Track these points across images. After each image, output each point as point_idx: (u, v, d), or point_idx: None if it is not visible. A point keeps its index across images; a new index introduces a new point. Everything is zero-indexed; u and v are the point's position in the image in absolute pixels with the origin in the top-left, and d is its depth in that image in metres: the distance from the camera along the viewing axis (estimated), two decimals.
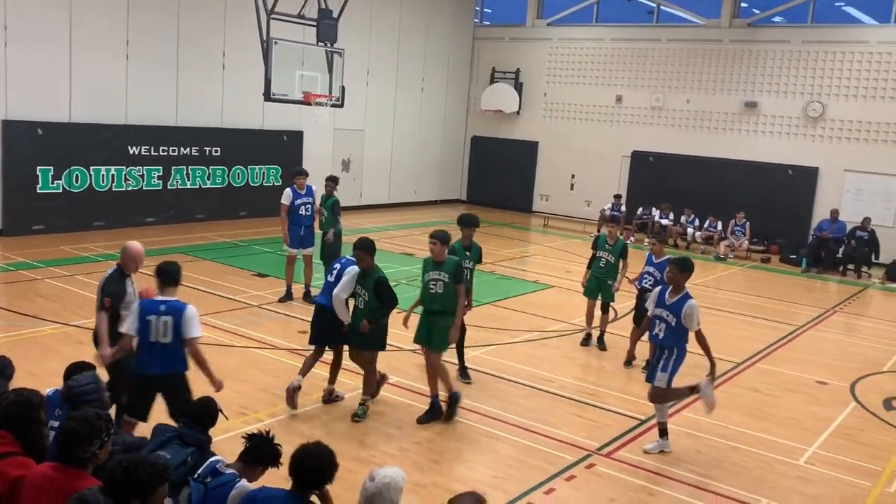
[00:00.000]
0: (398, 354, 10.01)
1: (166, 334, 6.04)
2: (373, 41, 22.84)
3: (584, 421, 8.30)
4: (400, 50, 23.98)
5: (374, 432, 7.61)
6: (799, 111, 21.00)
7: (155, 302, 6.16)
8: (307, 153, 21.19)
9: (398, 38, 23.82)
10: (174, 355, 6.09)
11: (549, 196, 25.47)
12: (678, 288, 7.51)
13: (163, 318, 6.04)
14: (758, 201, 20.82)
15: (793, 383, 10.13)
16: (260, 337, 10.33)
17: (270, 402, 8.14)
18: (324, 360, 8.38)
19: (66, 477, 3.76)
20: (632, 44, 23.58)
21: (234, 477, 4.36)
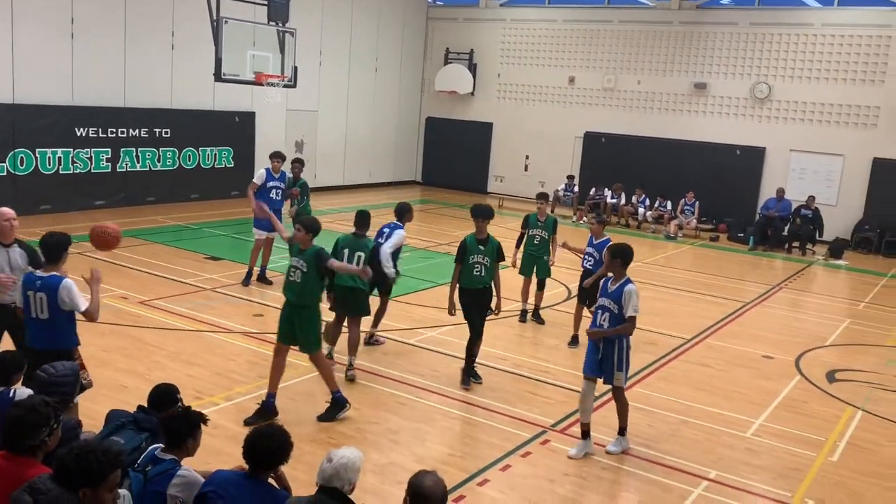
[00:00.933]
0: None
1: (43, 310, 5.89)
2: (325, 20, 22.54)
3: (539, 398, 8.40)
4: (353, 29, 23.71)
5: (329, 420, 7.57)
6: (746, 92, 21.37)
7: (32, 276, 5.99)
8: (259, 134, 20.90)
9: (351, 17, 23.55)
10: (53, 331, 5.91)
11: (504, 177, 25.54)
12: (617, 275, 7.07)
13: (38, 294, 5.89)
14: (707, 181, 21.18)
15: (740, 358, 10.38)
16: (213, 320, 10.20)
17: (225, 386, 8.06)
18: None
19: (15, 465, 3.72)
20: (584, 25, 23.68)
21: (173, 464, 4.21)
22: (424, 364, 9.21)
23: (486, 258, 8.48)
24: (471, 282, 8.51)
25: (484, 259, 8.48)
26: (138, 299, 10.88)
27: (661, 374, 9.54)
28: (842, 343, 11.57)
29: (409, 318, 10.99)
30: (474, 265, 8.47)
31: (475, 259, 8.48)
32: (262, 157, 20.91)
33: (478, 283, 8.51)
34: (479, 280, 8.50)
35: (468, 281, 8.52)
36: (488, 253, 8.50)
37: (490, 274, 8.54)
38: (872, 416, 8.58)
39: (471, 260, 8.47)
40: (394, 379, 8.57)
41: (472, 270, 8.47)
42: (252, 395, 7.83)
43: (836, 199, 20.33)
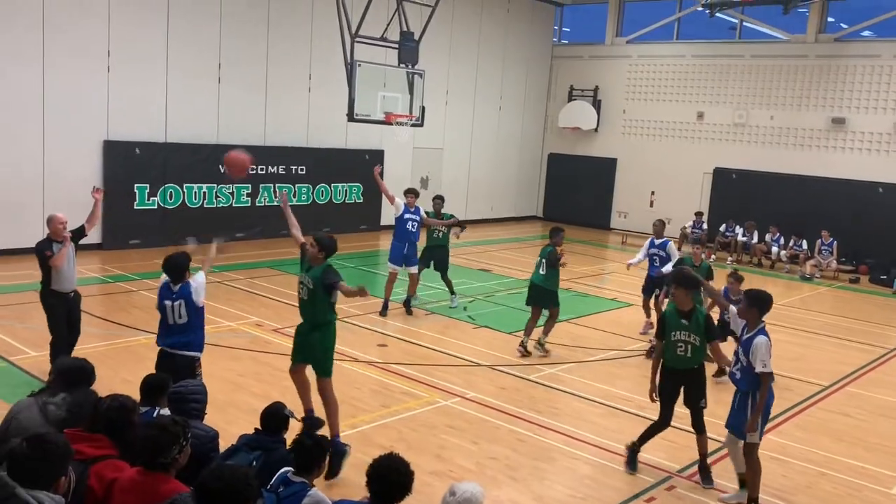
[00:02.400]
0: (476, 370, 9.98)
1: (181, 316, 6.84)
2: (452, 62, 23.02)
3: (664, 442, 8.05)
4: (478, 70, 24.09)
5: (450, 446, 7.57)
6: (890, 127, 20.07)
7: (168, 289, 7.02)
8: (387, 171, 21.43)
9: (477, 58, 23.95)
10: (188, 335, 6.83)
11: (628, 213, 25.04)
12: (753, 324, 6.57)
13: (176, 302, 6.85)
14: (846, 219, 19.95)
15: (884, 408, 9.61)
16: (340, 349, 10.37)
17: (350, 414, 8.20)
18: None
19: (151, 481, 3.97)
20: (713, 60, 23.05)
21: (304, 486, 4.41)
22: (544, 401, 9.05)
23: (691, 335, 6.97)
24: (675, 362, 7.10)
25: (690, 337, 6.97)
26: (272, 327, 11.32)
27: (797, 421, 8.96)
28: None
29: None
30: (677, 343, 7.04)
31: (678, 336, 7.02)
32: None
33: (681, 364, 7.07)
34: (684, 360, 7.05)
35: (671, 360, 7.12)
36: (693, 329, 6.97)
37: (698, 354, 7.04)
38: None
39: (672, 337, 7.05)
40: (513, 414, 8.47)
41: (675, 349, 7.04)
42: (375, 424, 7.94)
43: None
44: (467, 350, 10.81)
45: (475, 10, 23.55)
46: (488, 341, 11.39)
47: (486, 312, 13.19)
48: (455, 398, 8.81)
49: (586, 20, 27.34)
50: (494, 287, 15.36)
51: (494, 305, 13.86)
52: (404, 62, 15.15)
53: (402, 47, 15.05)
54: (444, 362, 10.22)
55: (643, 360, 11.06)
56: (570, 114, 25.62)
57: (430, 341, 11.13)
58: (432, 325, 12.11)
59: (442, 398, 8.75)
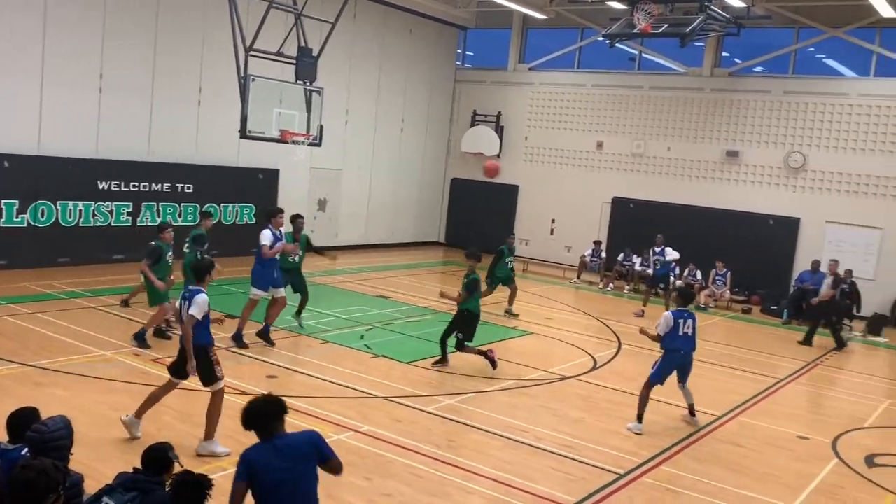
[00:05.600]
0: (371, 402, 9.91)
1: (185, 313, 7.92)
2: (353, 81, 23.05)
3: (560, 474, 8.22)
4: (380, 90, 24.20)
5: (341, 483, 7.45)
6: (780, 161, 21.38)
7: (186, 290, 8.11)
8: (283, 192, 21.19)
9: (378, 78, 24.07)
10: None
11: (529, 240, 25.57)
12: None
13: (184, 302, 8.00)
14: (739, 251, 21.03)
15: (774, 438, 10.12)
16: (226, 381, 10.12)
17: (235, 450, 7.94)
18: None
19: None
20: (613, 90, 23.98)
21: None
22: (441, 433, 9.07)
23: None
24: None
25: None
26: (151, 356, 10.90)
27: (690, 452, 9.31)
28: (881, 425, 11.26)
29: (427, 385, 10.89)
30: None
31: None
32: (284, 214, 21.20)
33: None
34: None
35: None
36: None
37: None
38: None
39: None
40: (409, 448, 8.44)
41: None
42: None
43: (874, 273, 20.06)
44: (363, 381, 10.73)
45: (377, 28, 23.70)
46: (385, 372, 11.35)
47: (383, 341, 13.15)
48: (348, 432, 8.71)
49: (490, 45, 27.96)
50: (393, 315, 15.34)
51: (393, 334, 13.84)
52: (302, 79, 15.04)
53: (300, 63, 14.94)
54: (337, 394, 10.11)
55: (542, 389, 11.26)
56: (473, 139, 26.05)
57: (324, 372, 10.99)
58: (326, 355, 11.96)
59: (334, 432, 8.64)
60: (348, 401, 9.85)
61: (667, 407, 10.93)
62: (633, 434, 9.62)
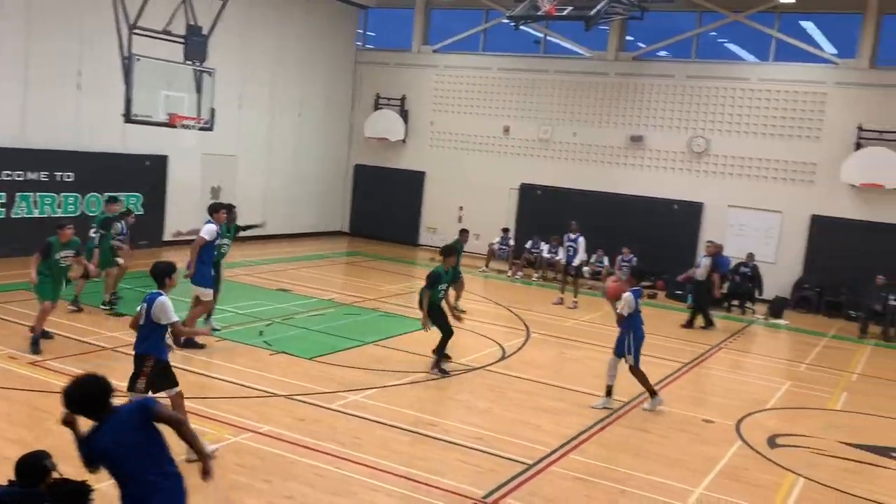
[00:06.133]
0: (271, 401, 9.74)
1: (142, 318, 7.53)
2: (246, 61, 22.52)
3: (469, 467, 8.29)
4: (276, 72, 23.75)
5: (240, 487, 7.31)
6: (684, 146, 22.13)
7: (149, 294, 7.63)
8: (172, 179, 20.57)
9: (274, 59, 23.60)
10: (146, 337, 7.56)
11: (437, 228, 25.65)
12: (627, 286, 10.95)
13: (143, 305, 7.56)
14: (645, 236, 21.67)
15: (680, 422, 10.49)
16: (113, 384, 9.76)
17: None
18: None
19: None
20: (519, 74, 24.26)
21: None
22: (346, 430, 9.00)
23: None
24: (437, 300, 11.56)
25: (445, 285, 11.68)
26: (29, 359, 10.40)
27: (598, 439, 9.55)
28: (783, 406, 11.83)
29: (331, 381, 10.78)
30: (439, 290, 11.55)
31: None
32: (175, 203, 20.61)
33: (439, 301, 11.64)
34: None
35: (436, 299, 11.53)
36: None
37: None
38: (814, 483, 8.74)
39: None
40: (311, 447, 8.33)
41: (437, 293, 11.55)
42: None
43: (774, 256, 21.05)
44: (262, 379, 10.53)
45: (272, 7, 23.21)
46: (285, 369, 11.17)
47: (283, 337, 12.95)
48: (246, 433, 8.54)
49: (392, 25, 27.83)
50: (294, 309, 15.12)
51: (294, 329, 13.64)
52: (191, 59, 14.62)
53: (189, 42, 14.52)
54: (234, 394, 9.89)
55: (450, 380, 11.33)
56: (377, 123, 25.90)
57: (219, 371, 10.73)
58: (222, 353, 11.68)
59: (231, 434, 8.45)
60: (246, 401, 9.65)
61: (574, 395, 11.18)
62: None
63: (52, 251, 11.05)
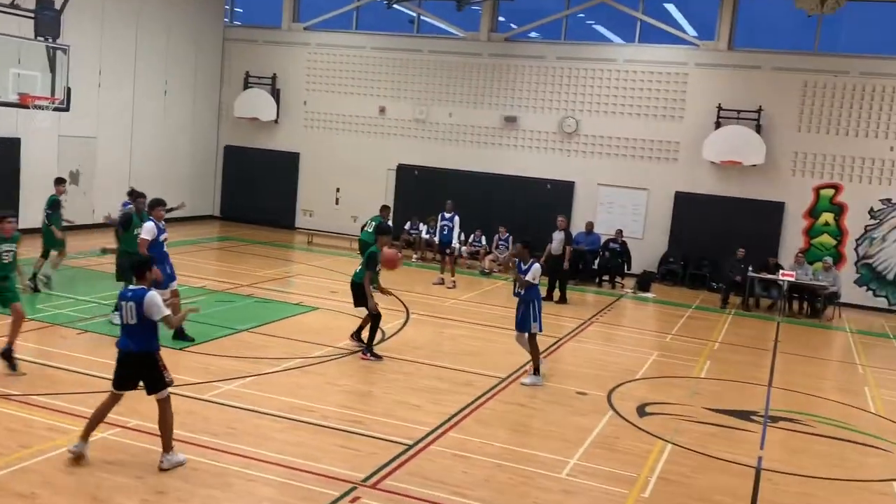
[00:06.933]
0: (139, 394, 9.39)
1: (132, 317, 7.37)
2: (105, 37, 21.47)
3: (348, 451, 8.30)
4: (138, 48, 22.75)
5: (109, 485, 7.06)
6: (555, 126, 22.71)
7: (125, 290, 7.59)
8: (26, 163, 19.45)
9: (136, 34, 22.60)
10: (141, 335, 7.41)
11: (313, 211, 25.36)
12: (525, 259, 11.45)
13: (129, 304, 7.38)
14: (521, 215, 22.15)
15: (555, 395, 10.84)
16: None
17: None
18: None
19: None
20: (394, 53, 24.21)
21: None
22: (220, 421, 8.82)
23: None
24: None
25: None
26: None
27: (476, 416, 9.75)
28: (651, 376, 12.42)
29: (204, 371, 10.52)
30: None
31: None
32: (30, 189, 19.51)
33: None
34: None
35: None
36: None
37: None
38: (681, 448, 9.24)
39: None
40: (184, 440, 8.11)
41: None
42: (14, 468, 7.13)
43: (642, 232, 21.99)
44: None
45: None
46: None
47: None
48: (114, 429, 8.22)
49: (261, 1, 27.15)
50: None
51: None
52: (42, 35, 13.85)
53: (40, 17, 13.76)
54: (99, 388, 9.48)
55: (328, 365, 11.29)
56: (247, 103, 25.28)
57: (81, 364, 10.27)
58: (83, 346, 11.19)
59: (98, 430, 8.09)
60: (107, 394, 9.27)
61: (453, 373, 11.37)
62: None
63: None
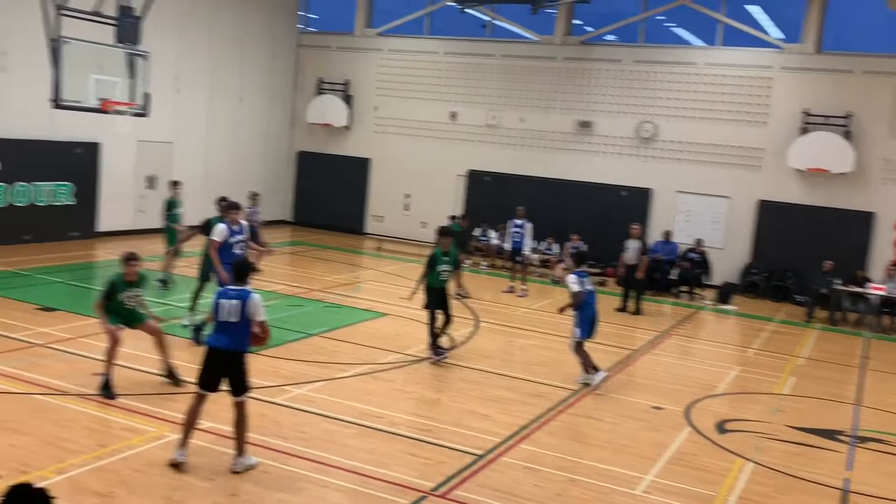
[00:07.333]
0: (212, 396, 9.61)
1: (234, 315, 7.61)
2: (183, 44, 22.12)
3: (418, 459, 8.34)
4: (214, 55, 23.37)
5: (182, 486, 7.25)
6: (632, 131, 22.43)
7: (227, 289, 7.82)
8: (106, 168, 20.15)
9: (211, 41, 23.22)
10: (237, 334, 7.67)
11: (383, 217, 25.61)
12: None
13: (232, 302, 7.63)
14: (594, 223, 21.94)
15: (630, 409, 10.69)
16: (45, 381, 9.61)
17: (57, 458, 7.56)
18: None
19: None
20: (466, 58, 24.29)
21: None
22: (291, 425, 8.97)
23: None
24: (436, 283, 12.08)
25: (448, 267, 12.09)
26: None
27: (548, 428, 9.68)
28: (731, 392, 12.14)
29: (275, 374, 10.72)
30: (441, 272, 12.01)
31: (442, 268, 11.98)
32: (108, 193, 20.21)
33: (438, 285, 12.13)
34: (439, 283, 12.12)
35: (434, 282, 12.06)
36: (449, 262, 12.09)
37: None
38: (762, 467, 9.00)
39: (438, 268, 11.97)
40: (255, 443, 8.28)
41: (438, 275, 12.04)
42: (89, 467, 7.38)
43: (723, 241, 21.52)
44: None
45: None
46: None
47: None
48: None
49: (335, 7, 27.62)
50: None
51: None
52: (123, 41, 14.33)
53: (121, 24, 14.24)
54: (172, 390, 9.77)
55: (397, 372, 11.37)
56: (320, 109, 25.71)
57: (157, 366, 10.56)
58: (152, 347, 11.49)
59: (172, 431, 8.35)
60: (186, 396, 9.50)
61: (524, 383, 11.32)
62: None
63: (115, 292, 9.41)
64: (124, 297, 9.44)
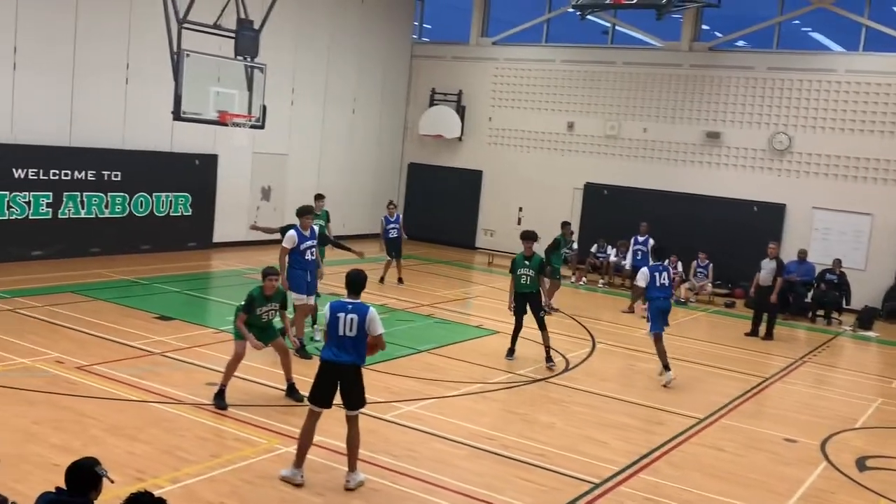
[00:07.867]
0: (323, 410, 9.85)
1: (352, 329, 7.73)
2: (299, 57, 22.87)
3: (531, 485, 8.28)
4: (329, 67, 24.06)
5: (292, 500, 7.45)
6: (764, 143, 21.73)
7: (343, 302, 7.88)
8: (222, 179, 20.99)
9: (327, 53, 23.92)
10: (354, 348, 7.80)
11: (495, 231, 25.67)
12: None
13: (349, 316, 7.75)
14: (721, 240, 21.32)
15: (759, 441, 10.32)
16: (161, 389, 10.07)
17: (173, 466, 7.90)
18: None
19: None
20: (584, 66, 24.13)
21: None
22: (400, 443, 9.09)
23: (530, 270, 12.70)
24: (520, 288, 12.80)
25: (529, 271, 12.70)
26: (76, 364, 10.74)
27: (670, 458, 9.45)
28: (873, 426, 11.55)
29: (385, 390, 10.89)
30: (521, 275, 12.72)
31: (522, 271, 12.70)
32: (224, 204, 21.04)
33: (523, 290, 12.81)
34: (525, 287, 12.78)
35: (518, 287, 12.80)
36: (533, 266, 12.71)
37: (534, 283, 12.77)
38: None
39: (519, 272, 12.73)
40: (365, 460, 8.42)
41: (520, 279, 12.74)
42: (202, 477, 7.68)
43: (864, 262, 20.52)
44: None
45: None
46: None
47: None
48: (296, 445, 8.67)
49: (449, 17, 27.97)
50: None
51: None
52: (242, 54, 14.91)
53: (240, 37, 14.80)
54: (285, 402, 10.06)
55: (509, 392, 11.35)
56: (432, 120, 26.05)
57: (271, 378, 10.91)
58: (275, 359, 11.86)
59: (283, 444, 8.60)
60: (298, 409, 9.76)
61: (644, 410, 11.09)
62: (665, 386, 12.07)
63: (254, 306, 9.77)
64: (262, 311, 9.80)
